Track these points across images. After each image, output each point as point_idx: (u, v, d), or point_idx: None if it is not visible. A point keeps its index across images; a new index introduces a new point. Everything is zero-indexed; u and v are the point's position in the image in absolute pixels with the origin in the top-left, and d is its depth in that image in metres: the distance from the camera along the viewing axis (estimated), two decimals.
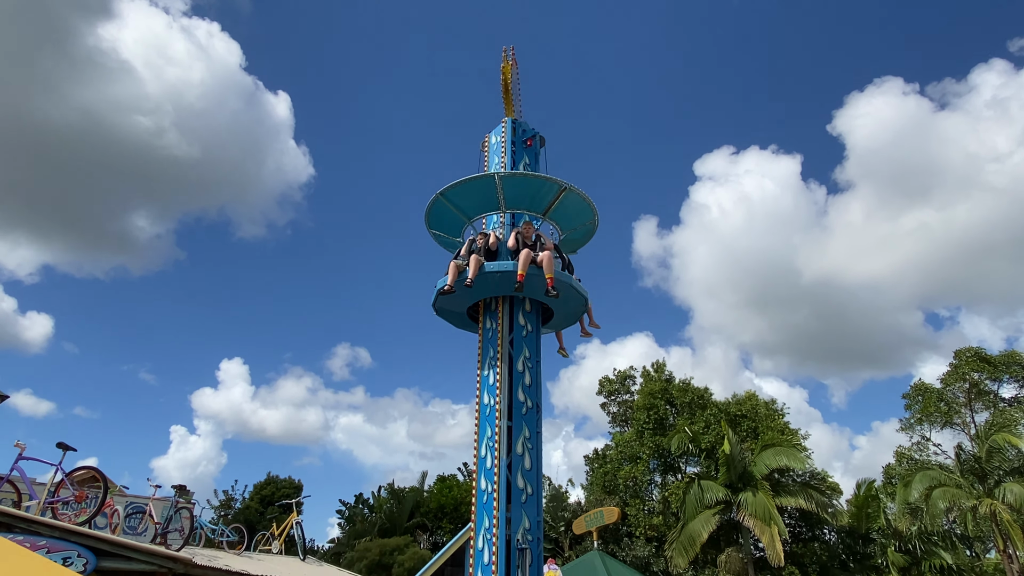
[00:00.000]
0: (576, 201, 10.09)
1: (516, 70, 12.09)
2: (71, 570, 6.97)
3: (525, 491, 8.47)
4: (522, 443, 8.67)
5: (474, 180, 9.89)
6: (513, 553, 8.05)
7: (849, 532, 27.62)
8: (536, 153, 11.56)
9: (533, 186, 10.10)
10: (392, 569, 25.90)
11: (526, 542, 8.12)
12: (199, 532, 13.59)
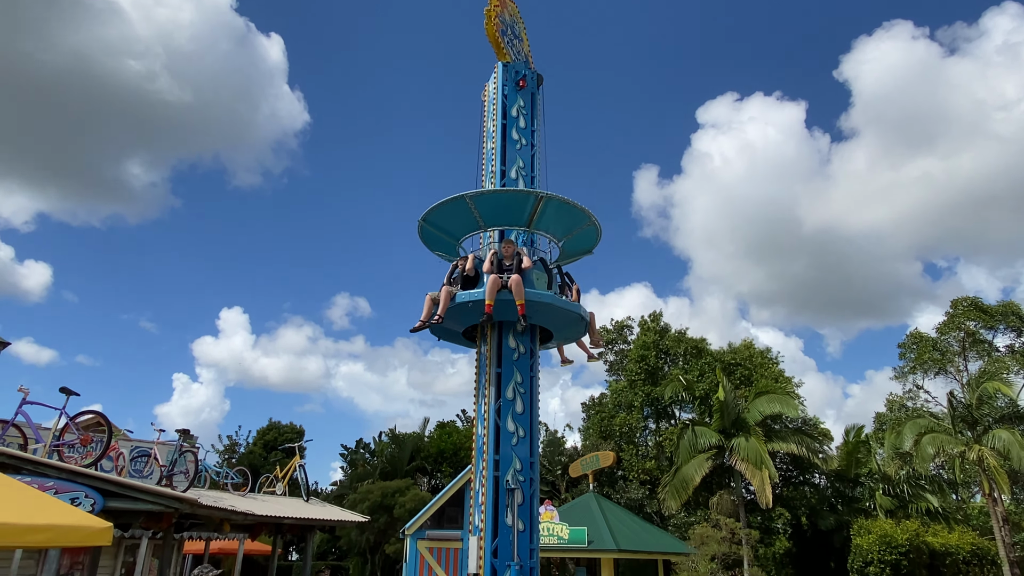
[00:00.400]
0: (562, 207, 9.20)
1: (513, 9, 11.67)
2: (80, 509, 7.17)
3: (516, 434, 8.63)
4: (512, 388, 8.77)
5: (447, 203, 9.12)
6: (502, 493, 8.28)
7: (838, 476, 28.34)
8: (532, 94, 10.83)
9: (508, 200, 9.29)
10: (393, 510, 26.63)
11: (516, 483, 8.33)
12: (204, 475, 13.92)
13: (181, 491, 10.59)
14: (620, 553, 21.01)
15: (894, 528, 20.35)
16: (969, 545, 20.36)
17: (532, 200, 9.05)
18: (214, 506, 10.11)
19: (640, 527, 24.26)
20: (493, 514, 8.22)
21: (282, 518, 12.87)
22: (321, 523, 14.79)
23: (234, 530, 13.86)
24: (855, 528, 21.86)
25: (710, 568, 18.69)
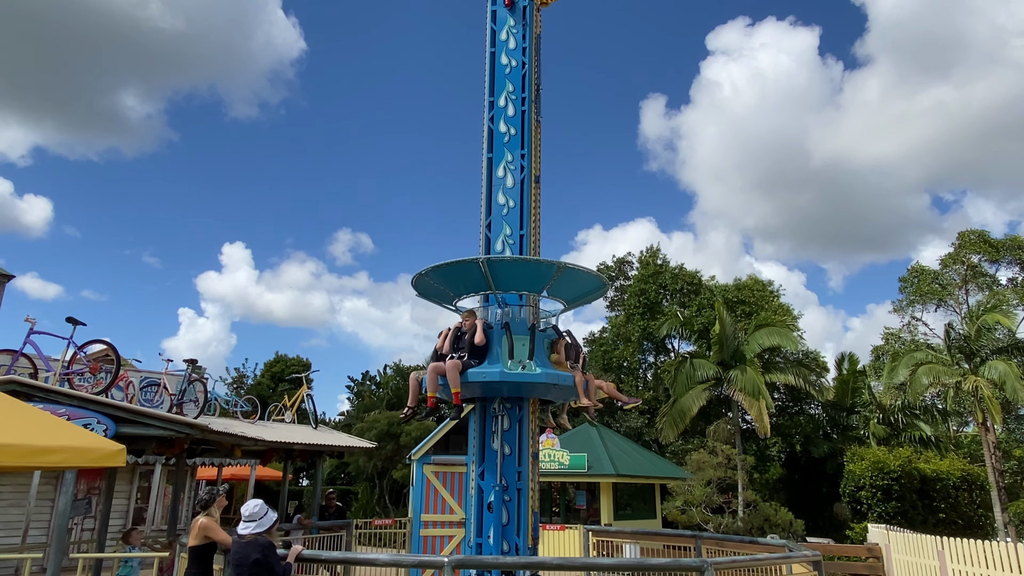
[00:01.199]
0: (579, 274, 8.50)
1: None
2: (94, 433, 7.36)
3: None
4: None
5: (456, 265, 8.21)
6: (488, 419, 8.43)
7: (833, 406, 28.93)
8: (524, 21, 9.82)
9: (525, 268, 8.47)
10: (400, 438, 27.40)
11: (502, 409, 8.37)
12: (213, 403, 14.24)
13: (192, 418, 10.86)
14: (618, 477, 21.71)
15: (887, 455, 20.91)
16: (959, 471, 20.96)
17: (551, 270, 8.28)
18: (225, 432, 10.38)
19: (638, 453, 24.97)
20: (480, 440, 8.40)
21: (292, 444, 13.24)
22: (330, 449, 15.23)
23: (245, 456, 14.30)
24: (848, 455, 22.46)
25: (705, 492, 19.33)
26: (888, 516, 19.66)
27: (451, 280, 8.76)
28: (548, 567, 7.17)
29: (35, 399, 8.24)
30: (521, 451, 8.45)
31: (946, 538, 11.14)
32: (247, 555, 5.73)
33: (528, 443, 8.54)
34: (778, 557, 7.26)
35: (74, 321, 9.99)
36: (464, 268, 8.28)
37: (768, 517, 19.02)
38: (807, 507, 25.80)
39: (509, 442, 8.39)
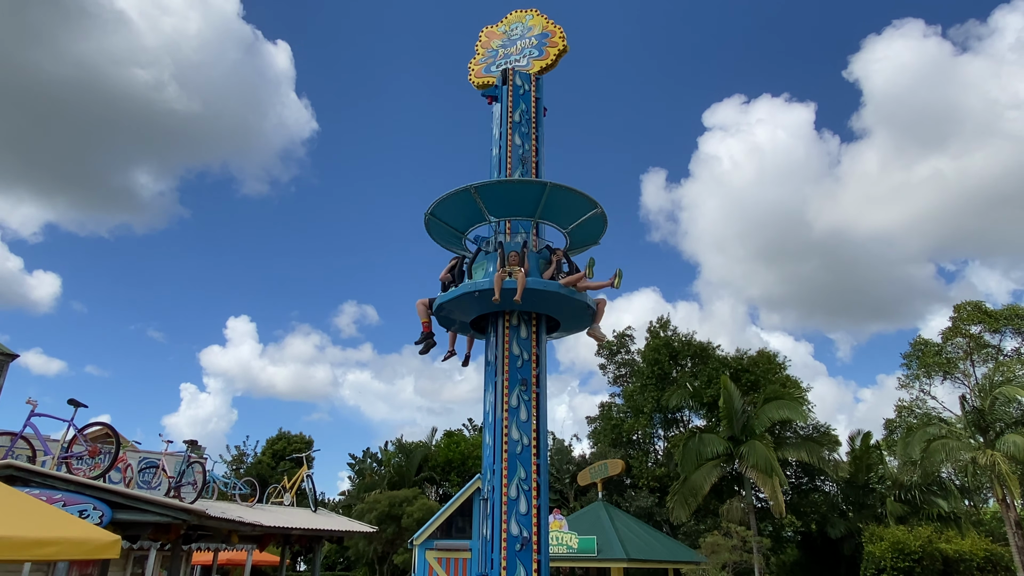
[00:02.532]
0: (568, 195, 9.18)
1: (508, 21, 11.78)
2: (87, 522, 7.17)
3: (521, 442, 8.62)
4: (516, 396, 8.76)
5: (453, 195, 9.21)
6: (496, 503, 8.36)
7: (848, 483, 28.10)
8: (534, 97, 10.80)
9: (513, 190, 9.37)
10: (401, 520, 26.55)
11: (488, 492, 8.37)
12: (212, 485, 13.90)
13: (189, 502, 10.58)
14: (630, 562, 20.85)
15: (907, 535, 20.15)
16: (983, 551, 20.15)
17: (537, 190, 9.08)
18: (222, 517, 10.07)
19: (650, 535, 24.08)
20: None
21: (290, 529, 12.83)
22: (329, 533, 14.74)
23: (242, 541, 13.83)
24: (866, 535, 21.65)
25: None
26: None
27: (458, 216, 9.68)
28: None
29: (32, 484, 8.08)
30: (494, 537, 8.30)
31: None
32: None
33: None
34: None
35: (76, 403, 9.90)
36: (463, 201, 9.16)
37: None
38: None
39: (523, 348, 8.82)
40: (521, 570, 7.86)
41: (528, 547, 7.93)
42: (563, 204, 9.38)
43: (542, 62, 11.15)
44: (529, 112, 10.69)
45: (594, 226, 9.92)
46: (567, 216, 9.71)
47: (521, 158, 10.27)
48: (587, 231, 10.04)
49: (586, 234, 10.15)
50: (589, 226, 9.91)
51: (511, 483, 8.32)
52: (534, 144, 10.52)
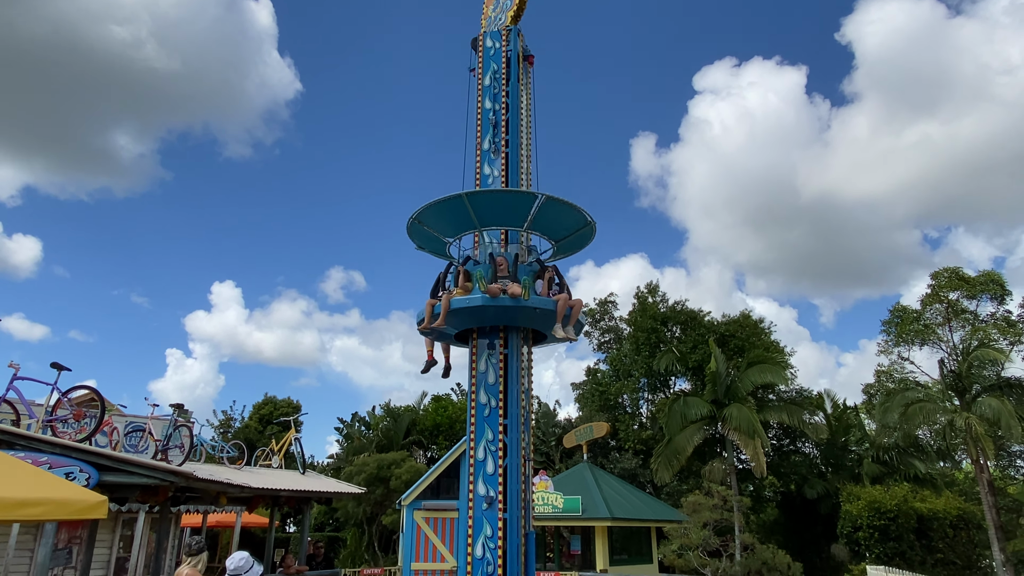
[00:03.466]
0: (562, 208, 8.89)
1: None
2: (74, 483, 7.18)
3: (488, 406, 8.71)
4: None
5: (442, 202, 8.78)
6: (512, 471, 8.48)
7: (828, 445, 28.76)
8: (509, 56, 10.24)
9: (506, 200, 8.97)
10: (390, 482, 26.85)
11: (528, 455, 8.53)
12: (199, 449, 13.97)
13: (177, 465, 10.62)
14: (613, 521, 21.34)
15: (883, 494, 20.73)
16: (955, 510, 20.79)
17: (531, 200, 8.70)
18: (210, 479, 10.15)
19: (633, 495, 24.61)
20: None
21: (278, 490, 12.96)
22: (318, 495, 14.91)
23: (231, 503, 13.97)
24: (844, 495, 22.24)
25: (702, 535, 19.00)
26: (886, 557, 19.38)
27: (442, 222, 9.31)
28: None
29: (17, 447, 8.06)
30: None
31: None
32: None
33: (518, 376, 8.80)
34: None
35: (59, 367, 9.83)
36: (452, 207, 8.81)
37: (766, 561, 18.68)
38: (804, 549, 25.40)
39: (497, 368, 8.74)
40: (487, 527, 8.06)
41: (494, 506, 8.09)
42: (556, 216, 9.10)
43: (512, 10, 10.68)
44: (500, 71, 10.15)
45: (583, 237, 9.75)
46: (558, 227, 9.46)
47: (492, 123, 9.97)
48: (575, 241, 9.89)
49: (574, 243, 9.99)
50: (578, 237, 9.77)
51: (479, 445, 8.46)
52: (505, 103, 10.03)
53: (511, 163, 9.83)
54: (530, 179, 10.23)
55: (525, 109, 10.53)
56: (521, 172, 10.05)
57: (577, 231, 9.48)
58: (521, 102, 10.45)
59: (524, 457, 8.43)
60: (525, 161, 10.23)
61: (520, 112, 10.35)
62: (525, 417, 8.82)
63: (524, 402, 8.86)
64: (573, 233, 9.55)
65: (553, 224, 9.32)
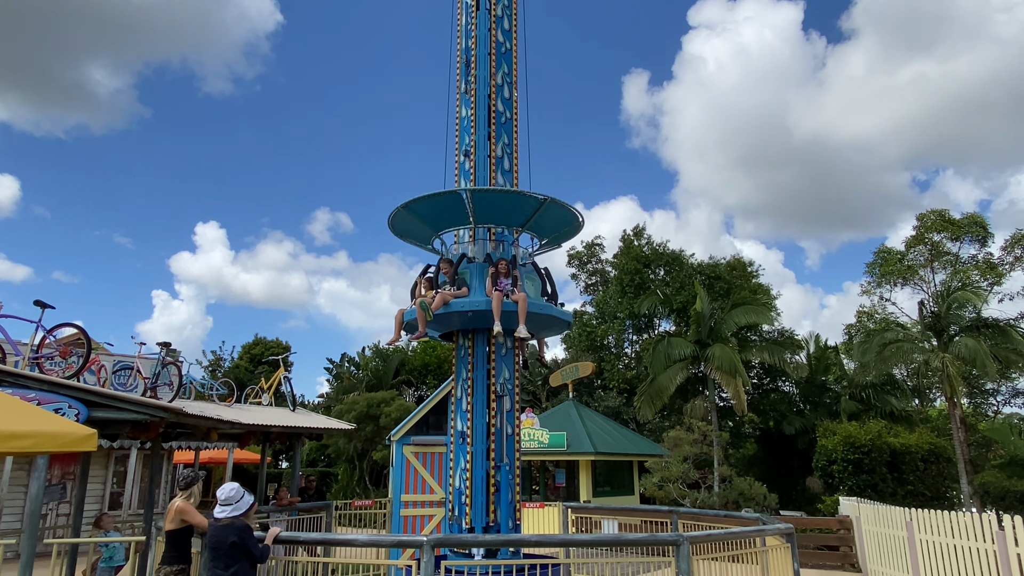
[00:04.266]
0: (557, 209, 8.64)
1: None
2: (64, 418, 7.24)
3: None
4: None
5: (439, 196, 8.40)
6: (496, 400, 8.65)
7: (807, 383, 29.49)
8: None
9: (507, 200, 8.60)
10: (380, 419, 27.37)
11: (504, 390, 8.63)
12: (188, 386, 14.07)
13: (167, 402, 10.72)
14: (597, 455, 21.98)
15: (858, 430, 21.40)
16: (927, 444, 21.54)
17: (535, 203, 8.41)
18: (200, 415, 10.25)
19: (617, 431, 25.27)
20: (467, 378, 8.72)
21: (269, 426, 13.15)
22: (308, 431, 15.17)
23: (222, 439, 14.17)
24: (820, 430, 22.96)
25: (682, 468, 19.64)
26: (859, 489, 20.18)
27: (429, 215, 8.88)
28: (527, 544, 7.24)
29: (3, 384, 8.06)
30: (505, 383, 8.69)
31: (914, 509, 11.47)
32: (223, 538, 5.70)
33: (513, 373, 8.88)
34: (752, 530, 7.40)
35: (42, 304, 9.77)
36: (443, 201, 8.43)
37: (743, 492, 19.41)
38: (780, 481, 26.38)
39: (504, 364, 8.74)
40: (462, 460, 8.52)
41: (466, 440, 8.50)
42: (552, 216, 8.88)
43: None
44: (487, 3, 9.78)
45: (570, 233, 9.63)
46: (551, 227, 9.26)
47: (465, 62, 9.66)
48: (561, 236, 9.76)
49: (559, 238, 9.84)
50: (566, 233, 9.65)
51: (457, 384, 8.80)
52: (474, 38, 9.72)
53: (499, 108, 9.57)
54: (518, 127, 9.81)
55: (512, 48, 10.17)
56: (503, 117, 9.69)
57: (566, 228, 9.35)
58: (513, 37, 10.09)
59: (495, 393, 8.56)
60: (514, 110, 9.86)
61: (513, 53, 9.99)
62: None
63: None
64: (563, 231, 9.42)
65: (547, 224, 9.12)
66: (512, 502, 8.36)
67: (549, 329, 9.27)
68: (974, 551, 9.76)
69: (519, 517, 8.57)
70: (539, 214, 8.65)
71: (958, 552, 10.09)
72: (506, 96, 9.64)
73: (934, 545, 10.65)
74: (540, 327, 9.01)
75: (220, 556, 5.69)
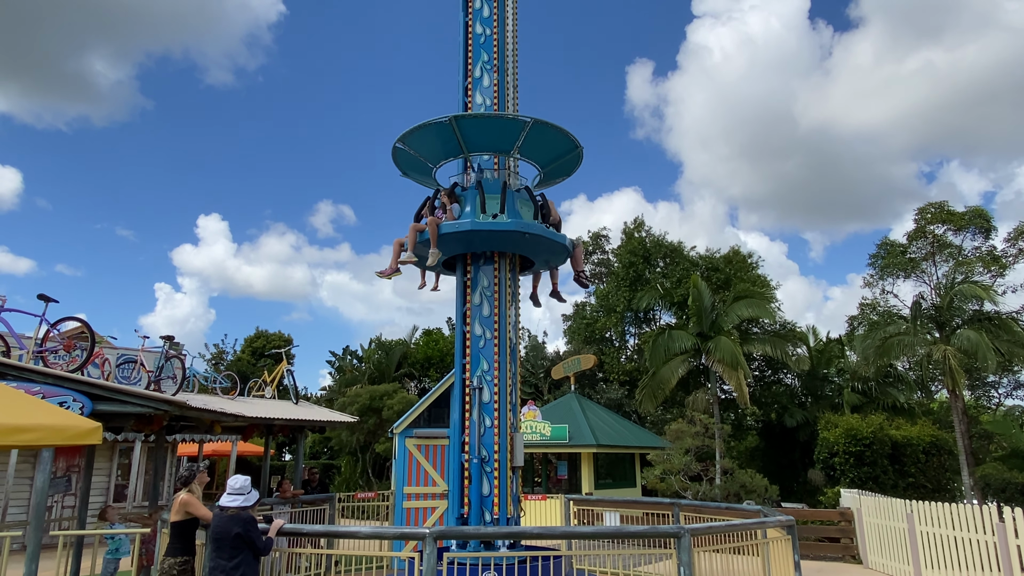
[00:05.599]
0: (551, 132, 8.76)
1: None
2: (69, 411, 7.28)
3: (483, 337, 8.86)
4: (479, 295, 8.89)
5: (428, 126, 8.62)
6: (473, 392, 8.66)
7: (809, 376, 29.49)
8: None
9: (494, 125, 8.79)
10: (382, 412, 27.46)
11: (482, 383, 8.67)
12: (192, 379, 14.13)
13: (170, 395, 10.76)
14: (599, 448, 22.03)
15: (859, 422, 21.42)
16: (929, 437, 21.56)
17: (519, 126, 8.55)
18: (203, 408, 10.32)
19: (619, 424, 25.32)
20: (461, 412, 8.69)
21: (272, 419, 13.22)
22: (311, 423, 15.25)
23: (225, 432, 14.28)
24: (822, 423, 22.97)
25: (684, 460, 19.68)
26: (860, 481, 20.22)
27: (428, 147, 9.22)
28: (529, 536, 7.29)
29: (8, 378, 8.11)
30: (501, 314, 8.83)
31: (915, 501, 11.50)
32: (228, 529, 5.74)
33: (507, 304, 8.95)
34: (753, 523, 7.44)
35: (46, 298, 9.81)
36: (437, 131, 8.70)
37: (744, 484, 19.44)
38: (782, 474, 26.44)
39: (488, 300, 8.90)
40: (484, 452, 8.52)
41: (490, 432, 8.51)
42: (544, 141, 8.97)
43: None
44: None
45: (569, 162, 9.64)
46: (546, 153, 9.32)
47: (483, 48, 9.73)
48: (562, 167, 9.78)
49: (560, 169, 9.88)
50: (565, 162, 9.64)
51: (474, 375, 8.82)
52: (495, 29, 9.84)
53: (500, 92, 9.62)
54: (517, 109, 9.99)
55: (512, 38, 10.20)
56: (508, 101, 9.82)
57: (565, 156, 9.37)
58: (507, 29, 10.11)
59: (511, 385, 8.63)
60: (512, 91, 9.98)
61: (507, 41, 10.02)
62: (512, 347, 8.96)
63: (511, 333, 8.99)
64: (561, 158, 9.43)
65: (541, 150, 9.23)
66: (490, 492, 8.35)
67: (544, 254, 9.28)
68: (974, 543, 9.80)
69: (520, 509, 8.61)
70: (530, 139, 8.80)
71: (958, 544, 10.13)
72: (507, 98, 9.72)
73: (935, 537, 10.68)
74: (536, 251, 9.08)
75: (224, 547, 5.73)
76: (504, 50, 9.87)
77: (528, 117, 8.46)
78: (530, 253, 9.07)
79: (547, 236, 8.61)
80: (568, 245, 9.12)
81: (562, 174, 10.06)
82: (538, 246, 8.78)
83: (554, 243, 8.83)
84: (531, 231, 8.45)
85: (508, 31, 10.06)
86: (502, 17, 9.95)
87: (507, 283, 9.02)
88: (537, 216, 8.97)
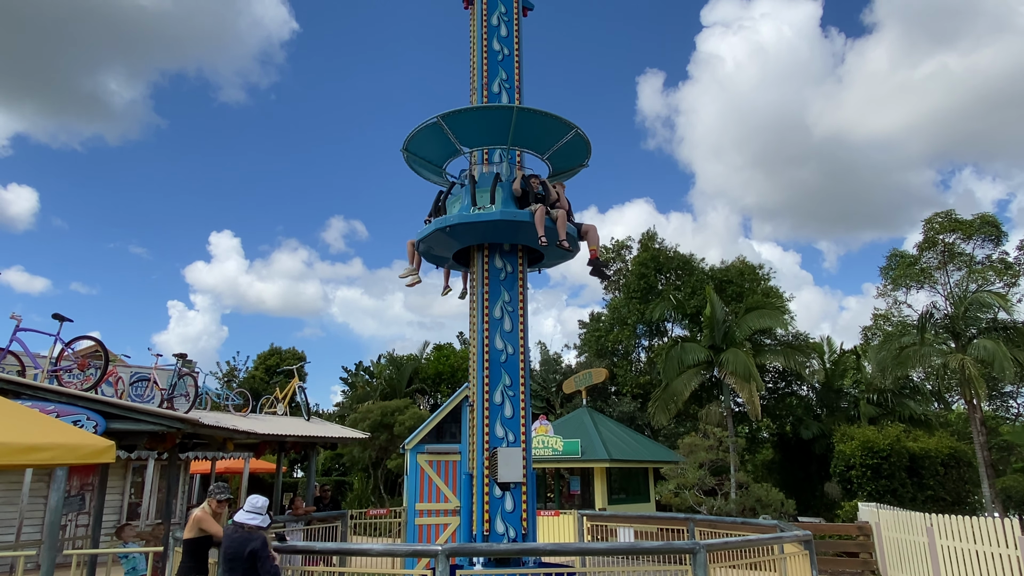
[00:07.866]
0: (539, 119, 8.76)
1: None
2: (83, 429, 7.33)
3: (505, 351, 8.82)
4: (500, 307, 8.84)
5: (422, 129, 8.78)
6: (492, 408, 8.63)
7: (824, 387, 29.19)
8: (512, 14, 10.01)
9: (480, 117, 8.85)
10: (394, 428, 27.42)
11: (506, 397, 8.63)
12: (204, 397, 14.20)
13: (183, 413, 10.81)
14: (612, 462, 21.86)
15: (876, 434, 21.15)
16: (947, 449, 21.23)
17: (507, 115, 8.58)
18: (216, 425, 10.34)
19: (631, 438, 25.14)
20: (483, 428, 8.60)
21: (284, 436, 13.23)
22: (323, 440, 15.24)
23: (238, 449, 14.28)
24: (838, 435, 22.69)
25: (698, 475, 19.49)
26: (878, 494, 19.91)
27: (430, 149, 9.44)
28: (542, 552, 7.21)
29: (23, 397, 8.18)
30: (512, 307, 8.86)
31: (935, 515, 11.31)
32: (242, 548, 5.72)
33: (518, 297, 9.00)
34: (769, 538, 7.33)
35: (61, 317, 9.91)
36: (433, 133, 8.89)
37: (760, 498, 19.20)
38: (798, 487, 26.09)
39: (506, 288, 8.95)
40: None
41: None
42: (536, 129, 8.93)
43: None
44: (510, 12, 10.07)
45: (576, 149, 9.53)
46: (543, 141, 9.30)
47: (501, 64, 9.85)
48: (570, 156, 9.67)
49: (570, 158, 9.77)
50: (571, 150, 9.53)
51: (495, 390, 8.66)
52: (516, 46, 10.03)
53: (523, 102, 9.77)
54: None
55: (519, 54, 10.30)
56: None
57: (563, 142, 9.26)
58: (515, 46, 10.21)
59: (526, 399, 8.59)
60: None
61: (514, 59, 10.11)
62: (525, 357, 8.93)
63: (523, 343, 8.96)
64: (560, 144, 9.32)
65: (538, 139, 9.25)
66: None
67: None
68: (996, 557, 9.60)
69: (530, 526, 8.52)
70: (524, 128, 8.83)
71: (980, 558, 9.93)
72: None
73: (956, 551, 10.48)
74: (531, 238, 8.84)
75: (238, 566, 5.71)
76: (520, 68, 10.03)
77: (512, 105, 8.58)
78: (527, 241, 9.02)
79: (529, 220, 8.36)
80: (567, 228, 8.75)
81: (574, 163, 9.94)
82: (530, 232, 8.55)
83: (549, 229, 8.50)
84: (519, 219, 8.37)
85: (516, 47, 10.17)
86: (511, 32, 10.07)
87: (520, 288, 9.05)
88: (530, 200, 8.72)
